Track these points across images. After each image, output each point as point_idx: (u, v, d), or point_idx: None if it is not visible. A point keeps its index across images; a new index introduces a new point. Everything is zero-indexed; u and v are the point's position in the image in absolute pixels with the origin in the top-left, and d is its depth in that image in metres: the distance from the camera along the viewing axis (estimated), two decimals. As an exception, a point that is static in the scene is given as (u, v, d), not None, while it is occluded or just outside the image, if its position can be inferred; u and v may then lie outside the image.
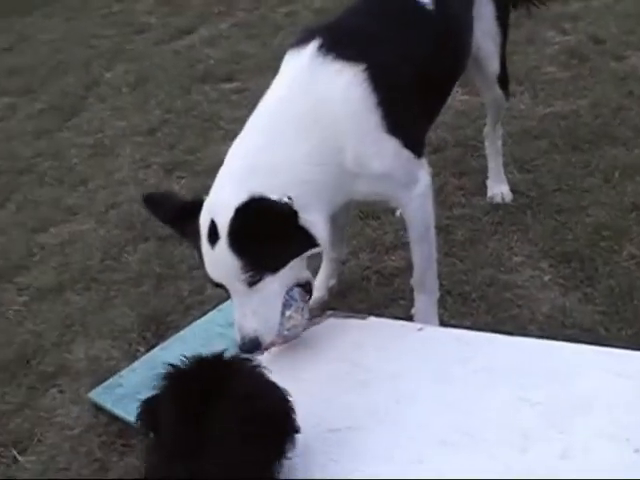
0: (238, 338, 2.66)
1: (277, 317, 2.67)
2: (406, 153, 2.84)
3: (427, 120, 3.17)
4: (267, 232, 2.48)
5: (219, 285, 2.68)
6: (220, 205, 2.56)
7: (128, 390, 3.15)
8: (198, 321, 3.45)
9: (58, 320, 3.82)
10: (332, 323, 3.02)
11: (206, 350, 3.12)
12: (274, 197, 2.48)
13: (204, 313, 3.50)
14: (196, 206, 2.67)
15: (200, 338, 3.29)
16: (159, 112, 5.94)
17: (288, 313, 2.69)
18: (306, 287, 2.78)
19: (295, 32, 6.49)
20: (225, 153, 2.79)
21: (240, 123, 4.74)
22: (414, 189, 2.91)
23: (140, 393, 3.01)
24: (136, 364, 3.30)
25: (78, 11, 9.21)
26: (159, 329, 3.55)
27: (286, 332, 2.73)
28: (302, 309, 2.74)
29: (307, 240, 2.65)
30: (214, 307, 3.50)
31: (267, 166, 2.60)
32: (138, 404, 2.38)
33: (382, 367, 2.67)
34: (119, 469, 2.92)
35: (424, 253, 3.05)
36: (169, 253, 4.02)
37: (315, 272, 3.37)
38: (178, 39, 7.40)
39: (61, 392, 3.39)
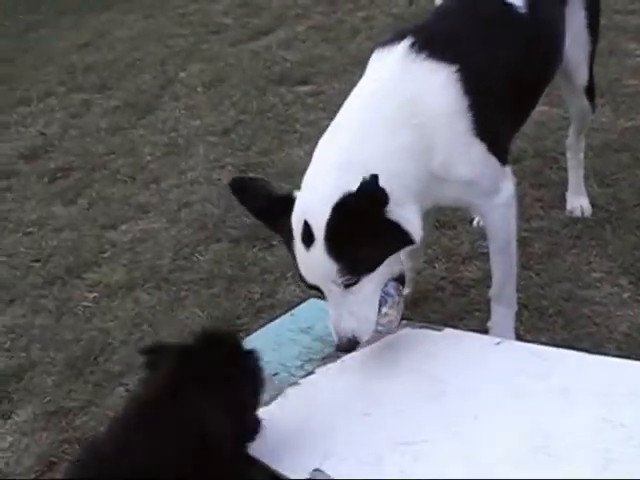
0: (335, 338, 2.64)
1: (374, 316, 2.64)
2: (493, 160, 2.79)
3: (514, 127, 3.09)
4: (364, 230, 2.45)
5: (313, 287, 2.64)
6: (314, 205, 2.51)
7: (196, 392, 3.11)
8: (269, 325, 3.40)
9: (127, 318, 3.82)
10: (407, 333, 2.97)
11: (276, 355, 3.13)
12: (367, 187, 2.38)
13: (275, 317, 3.46)
14: (288, 202, 2.63)
15: (271, 342, 3.23)
16: (234, 113, 5.92)
17: (384, 310, 2.65)
18: (400, 279, 2.73)
19: (371, 36, 6.51)
20: (299, 156, 2.77)
21: (315, 126, 4.75)
22: (496, 198, 2.84)
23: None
24: (205, 366, 3.27)
25: (155, 9, 9.24)
26: (229, 331, 3.51)
27: (380, 328, 2.69)
28: (397, 304, 2.71)
29: (403, 237, 2.59)
30: (285, 311, 3.46)
31: (359, 162, 2.52)
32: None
33: (458, 380, 2.62)
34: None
35: (504, 265, 2.98)
36: (241, 255, 4.00)
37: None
38: (254, 40, 7.38)
39: (128, 391, 3.36)
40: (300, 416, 2.75)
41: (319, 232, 2.48)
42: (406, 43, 2.73)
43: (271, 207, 2.71)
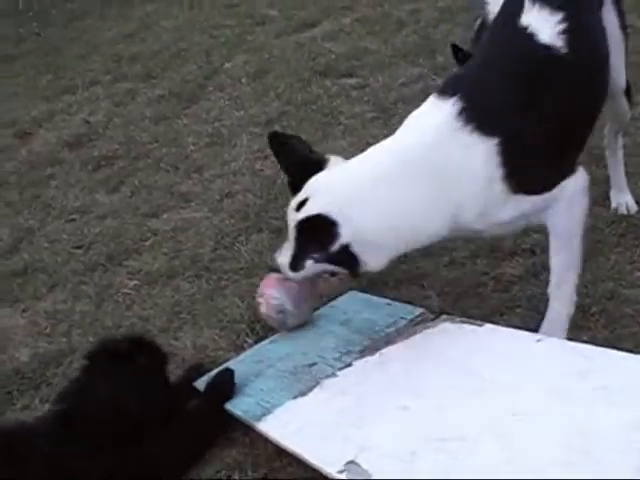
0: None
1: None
2: (532, 198, 2.84)
3: (575, 149, 3.05)
4: (311, 242, 2.89)
5: None
6: (305, 208, 2.89)
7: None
8: (308, 317, 3.41)
9: (167, 306, 3.82)
10: (446, 328, 2.96)
11: (315, 346, 3.12)
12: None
13: (314, 308, 3.45)
14: (320, 166, 2.96)
15: (309, 334, 3.23)
16: (278, 104, 5.90)
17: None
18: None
19: (417, 30, 6.49)
20: (342, 148, 2.80)
21: (359, 119, 4.74)
22: (555, 205, 2.87)
23: (246, 385, 3.03)
24: (243, 356, 3.26)
25: (200, 0, 9.26)
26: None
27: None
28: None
29: (349, 263, 2.87)
30: (325, 303, 3.45)
31: (365, 199, 2.81)
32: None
33: (497, 377, 2.60)
34: (219, 460, 2.89)
35: (564, 262, 2.95)
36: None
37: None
38: (300, 32, 7.35)
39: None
40: (336, 408, 2.74)
41: (298, 217, 2.91)
42: (454, 107, 2.79)
43: (304, 167, 2.99)
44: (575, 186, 2.89)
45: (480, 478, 2.20)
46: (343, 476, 2.37)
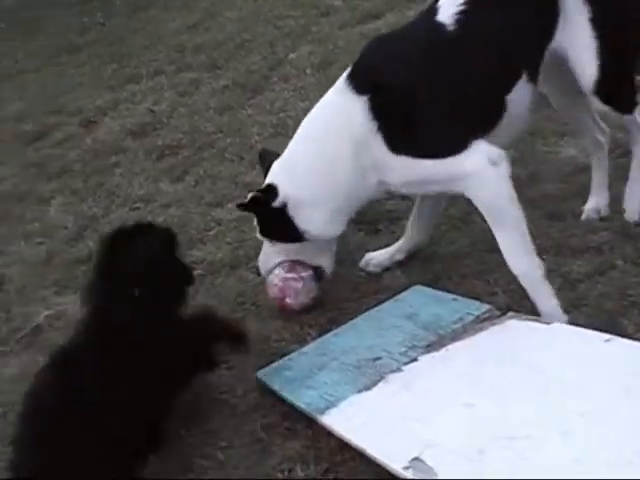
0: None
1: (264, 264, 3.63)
2: (424, 163, 3.14)
3: (468, 124, 3.15)
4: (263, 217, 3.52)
5: None
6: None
7: (297, 374, 3.11)
8: (372, 310, 3.39)
9: (231, 296, 3.84)
10: (513, 325, 2.94)
11: (380, 341, 3.11)
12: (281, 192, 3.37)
13: (379, 302, 3.44)
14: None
15: (374, 328, 3.23)
16: (342, 95, 5.87)
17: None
18: (316, 271, 3.60)
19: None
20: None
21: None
22: (465, 181, 3.10)
23: (310, 377, 3.03)
24: (307, 348, 3.27)
25: (265, -10, 9.26)
26: (333, 314, 3.50)
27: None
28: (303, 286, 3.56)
29: (293, 232, 3.42)
30: (390, 297, 3.44)
31: (290, 165, 3.44)
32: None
33: (564, 376, 2.58)
34: (281, 452, 2.89)
35: (502, 236, 3.13)
36: (347, 238, 3.95)
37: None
38: (364, 23, 7.30)
39: (229, 369, 3.38)
40: (401, 403, 2.74)
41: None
42: (345, 75, 3.33)
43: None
44: (479, 163, 3.06)
45: (549, 478, 2.18)
46: (409, 473, 2.35)
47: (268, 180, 3.46)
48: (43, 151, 6.47)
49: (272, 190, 3.39)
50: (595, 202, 3.72)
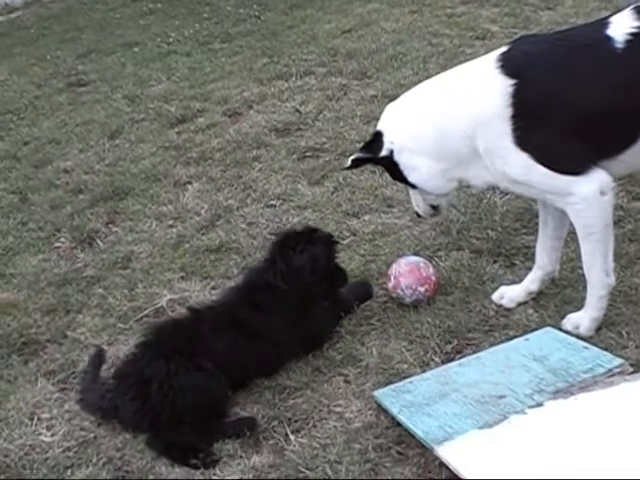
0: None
1: (418, 207, 3.80)
2: (541, 170, 3.16)
3: (590, 148, 3.17)
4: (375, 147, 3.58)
5: None
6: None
7: (417, 399, 3.08)
8: (500, 346, 3.33)
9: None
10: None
11: (505, 378, 3.05)
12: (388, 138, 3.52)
13: (508, 338, 3.39)
14: None
15: (500, 364, 3.17)
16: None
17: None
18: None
19: None
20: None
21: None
22: (569, 198, 3.19)
23: (429, 405, 2.99)
24: (429, 374, 3.23)
25: (423, 6, 9.15)
26: (458, 343, 3.46)
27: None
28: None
29: (399, 176, 3.61)
30: (519, 334, 3.38)
31: (407, 114, 3.57)
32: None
33: None
34: (389, 476, 2.86)
35: (586, 251, 3.32)
36: (481, 268, 3.91)
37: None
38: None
39: (346, 382, 3.38)
40: (522, 446, 2.68)
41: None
42: (496, 53, 3.29)
43: None
44: (586, 193, 3.15)
45: None
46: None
47: (379, 126, 3.64)
48: (185, 135, 6.55)
49: (379, 138, 3.56)
50: None
